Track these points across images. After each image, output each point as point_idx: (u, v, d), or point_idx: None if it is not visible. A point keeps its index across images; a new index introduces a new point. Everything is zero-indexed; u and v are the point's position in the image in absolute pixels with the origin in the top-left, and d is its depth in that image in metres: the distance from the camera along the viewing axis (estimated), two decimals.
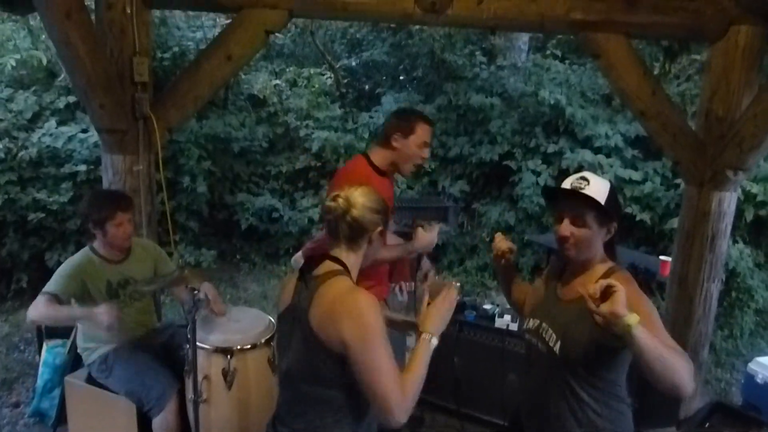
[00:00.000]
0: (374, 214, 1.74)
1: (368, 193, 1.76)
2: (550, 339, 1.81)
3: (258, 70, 7.80)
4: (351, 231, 1.72)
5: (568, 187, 1.77)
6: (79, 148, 5.36)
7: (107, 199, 2.89)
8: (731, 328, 5.29)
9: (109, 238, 2.84)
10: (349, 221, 1.71)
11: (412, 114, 2.79)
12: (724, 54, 3.31)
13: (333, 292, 1.63)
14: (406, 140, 2.68)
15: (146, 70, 3.21)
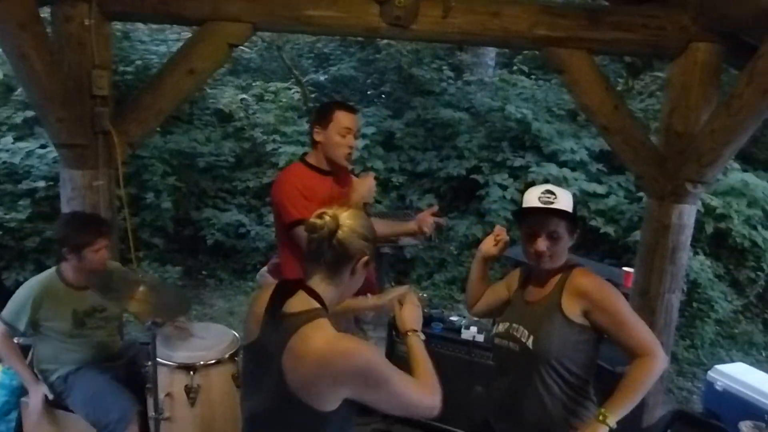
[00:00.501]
0: (362, 240, 1.55)
1: (357, 216, 1.59)
2: (522, 335, 1.90)
3: (224, 85, 7.75)
4: (335, 256, 1.53)
5: (539, 205, 1.84)
6: (37, 164, 5.22)
7: (88, 223, 2.80)
8: (692, 338, 5.40)
9: (84, 264, 2.74)
10: (335, 244, 1.52)
11: (328, 104, 2.80)
12: (683, 71, 3.39)
13: (316, 345, 1.43)
14: (326, 131, 2.65)
15: (106, 84, 3.13)
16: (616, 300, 1.83)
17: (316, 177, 2.68)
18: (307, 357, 1.42)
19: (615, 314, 1.82)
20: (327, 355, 1.42)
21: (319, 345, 1.43)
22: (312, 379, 1.42)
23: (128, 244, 3.76)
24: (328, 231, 1.51)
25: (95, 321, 2.88)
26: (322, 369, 1.42)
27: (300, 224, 2.47)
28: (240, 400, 1.70)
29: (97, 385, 2.76)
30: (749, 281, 5.94)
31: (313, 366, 1.42)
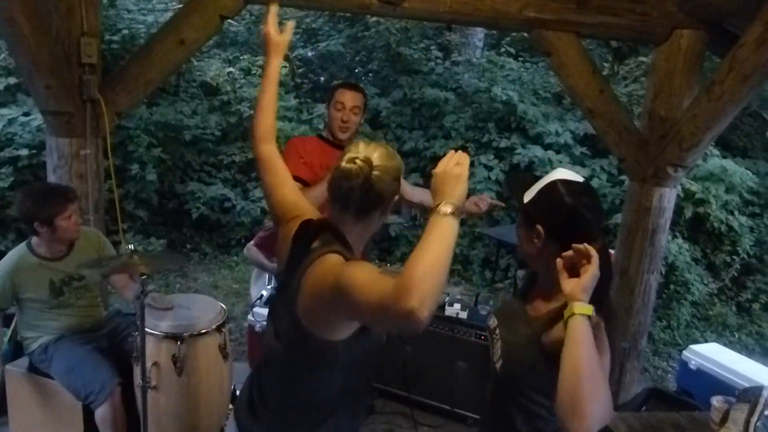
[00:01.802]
0: (395, 182, 1.47)
1: (388, 155, 1.48)
2: (495, 354, 1.66)
3: (211, 58, 7.66)
4: (365, 201, 1.45)
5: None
6: (20, 131, 5.15)
7: (53, 193, 2.77)
8: (669, 319, 5.54)
9: (58, 234, 2.73)
10: (367, 188, 1.43)
11: (335, 85, 3.00)
12: (667, 56, 3.45)
13: (323, 266, 1.38)
14: (329, 109, 2.90)
15: (95, 52, 3.10)
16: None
17: (324, 147, 2.88)
18: (309, 283, 1.39)
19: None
20: (329, 271, 1.35)
21: (325, 265, 1.37)
22: (311, 306, 1.40)
23: (113, 216, 3.77)
24: (363, 177, 1.42)
25: (74, 289, 2.88)
26: (315, 294, 1.38)
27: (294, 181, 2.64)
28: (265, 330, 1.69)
29: (77, 356, 2.77)
30: (725, 265, 6.09)
31: (314, 297, 1.39)
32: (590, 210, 1.49)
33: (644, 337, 3.92)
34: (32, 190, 2.88)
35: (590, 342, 1.28)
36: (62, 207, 2.69)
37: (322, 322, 1.40)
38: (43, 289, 2.78)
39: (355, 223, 1.49)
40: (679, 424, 2.51)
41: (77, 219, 2.78)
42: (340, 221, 1.50)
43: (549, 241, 1.49)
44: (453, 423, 3.63)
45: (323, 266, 1.38)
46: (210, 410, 2.84)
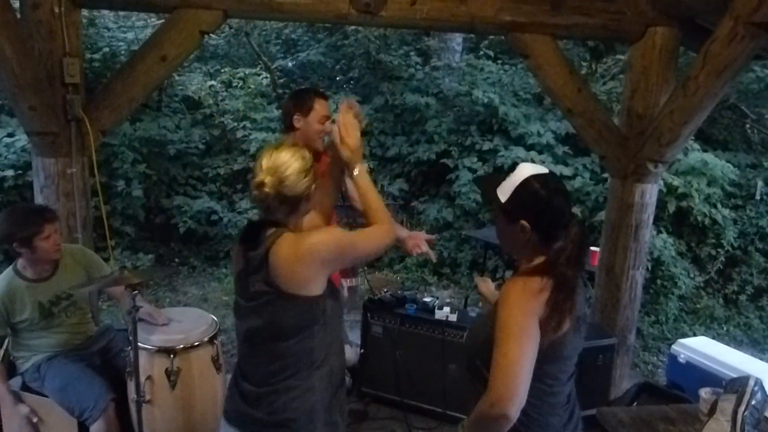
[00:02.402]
0: (305, 177, 1.73)
1: (291, 156, 1.72)
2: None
3: (192, 71, 7.68)
4: (289, 205, 1.74)
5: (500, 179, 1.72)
6: (5, 152, 5.15)
7: (31, 213, 2.77)
8: (657, 314, 5.60)
9: (38, 254, 2.73)
10: (283, 199, 1.71)
11: (307, 92, 2.94)
12: (642, 54, 3.52)
13: (286, 246, 1.68)
14: (306, 119, 2.84)
15: (77, 71, 3.12)
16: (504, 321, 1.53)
17: None
18: (281, 254, 1.67)
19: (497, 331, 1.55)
20: (294, 246, 1.68)
21: (288, 243, 1.69)
22: (297, 272, 1.68)
23: (101, 233, 3.77)
24: (273, 195, 1.69)
25: (63, 308, 2.88)
26: (302, 262, 1.67)
27: None
28: (236, 330, 1.91)
29: (70, 374, 2.78)
30: (710, 258, 6.17)
31: (294, 263, 1.67)
32: (562, 197, 1.66)
33: (632, 332, 3.98)
34: (10, 211, 2.90)
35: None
36: (39, 227, 2.67)
37: (303, 281, 1.69)
38: (33, 311, 2.78)
39: (291, 216, 1.77)
40: (669, 417, 2.55)
41: (56, 239, 2.76)
42: (279, 218, 1.76)
43: (533, 234, 1.64)
44: (446, 425, 3.65)
45: (288, 241, 1.69)
46: (204, 422, 2.85)
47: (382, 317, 3.75)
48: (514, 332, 1.52)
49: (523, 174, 1.65)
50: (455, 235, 6.68)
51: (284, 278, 1.68)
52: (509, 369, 1.49)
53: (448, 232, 6.73)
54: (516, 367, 1.49)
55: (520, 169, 1.68)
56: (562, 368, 1.67)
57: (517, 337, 1.52)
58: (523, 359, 1.50)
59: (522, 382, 1.49)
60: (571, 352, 1.67)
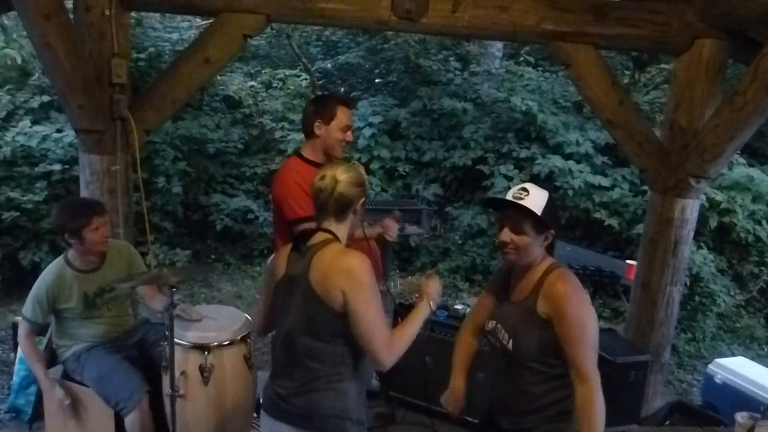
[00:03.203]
0: (357, 187, 1.94)
1: (349, 169, 1.95)
2: (504, 338, 1.97)
3: (233, 72, 7.81)
4: (338, 205, 1.92)
5: (509, 198, 1.90)
6: (53, 147, 5.32)
7: (81, 206, 2.87)
8: (694, 332, 5.46)
9: (87, 245, 2.82)
10: (337, 197, 1.90)
11: (330, 99, 2.87)
12: (688, 67, 3.45)
13: (329, 255, 1.86)
14: (328, 127, 2.76)
15: (124, 72, 3.22)
16: (578, 314, 1.83)
17: (313, 172, 2.75)
18: (323, 261, 1.85)
19: (569, 327, 1.82)
20: (336, 258, 1.85)
21: (332, 252, 1.87)
22: (324, 278, 1.83)
23: (141, 227, 3.87)
24: (330, 188, 1.90)
25: (105, 301, 2.98)
26: (330, 266, 1.83)
27: (303, 221, 2.62)
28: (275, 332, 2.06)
29: (108, 365, 2.87)
30: (752, 276, 5.99)
31: (326, 265, 1.84)
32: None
33: (667, 350, 3.89)
34: (64, 204, 3.01)
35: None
36: (88, 219, 2.77)
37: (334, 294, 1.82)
38: (78, 301, 2.89)
39: (338, 223, 1.95)
40: None
41: (105, 232, 2.85)
42: (326, 224, 1.95)
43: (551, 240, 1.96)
44: None
45: (331, 252, 1.87)
46: (236, 418, 2.89)
47: None
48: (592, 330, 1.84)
49: (541, 191, 1.93)
50: (488, 242, 6.63)
51: (320, 285, 1.84)
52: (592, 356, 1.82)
53: (481, 238, 6.69)
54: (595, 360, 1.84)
55: (533, 187, 1.95)
56: None
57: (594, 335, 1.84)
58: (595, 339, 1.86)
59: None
60: None
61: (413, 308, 2.03)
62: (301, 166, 2.79)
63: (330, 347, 1.88)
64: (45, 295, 2.83)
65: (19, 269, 4.98)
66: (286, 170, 2.82)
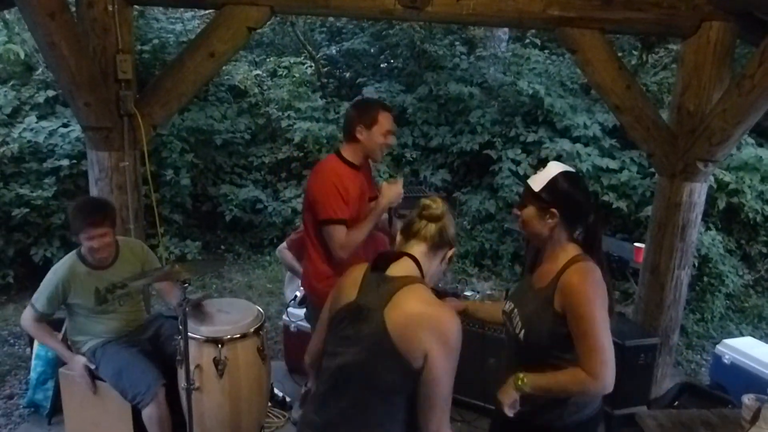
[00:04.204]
0: (454, 233, 1.77)
1: (451, 215, 1.80)
2: (517, 326, 1.95)
3: (238, 61, 7.79)
4: (439, 236, 1.72)
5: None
6: (60, 142, 5.34)
7: (81, 211, 2.86)
8: (702, 312, 5.47)
9: (85, 250, 2.88)
10: (440, 227, 1.72)
11: (372, 105, 2.86)
12: (696, 50, 3.42)
13: (418, 301, 1.59)
14: (370, 131, 2.75)
15: (130, 68, 3.23)
16: (589, 309, 1.78)
17: (351, 173, 2.78)
18: (408, 306, 1.58)
19: (580, 321, 1.79)
20: (428, 311, 1.57)
21: (421, 299, 1.60)
22: (409, 329, 1.55)
23: (150, 220, 3.90)
24: (440, 214, 1.72)
25: (117, 297, 3.03)
26: (420, 319, 1.56)
27: (332, 223, 2.67)
28: (325, 355, 1.76)
29: (124, 359, 2.92)
30: (760, 256, 5.98)
31: (414, 315, 1.56)
32: (585, 193, 1.96)
33: (676, 332, 3.91)
34: (76, 202, 3.04)
35: (542, 384, 1.86)
36: (81, 228, 2.80)
37: (412, 347, 1.56)
38: (89, 296, 2.93)
39: (429, 256, 1.74)
40: (710, 422, 2.51)
41: (99, 244, 2.83)
42: (414, 251, 1.72)
43: (561, 220, 1.89)
44: (484, 418, 3.67)
45: (418, 296, 1.61)
46: (251, 409, 2.95)
47: None
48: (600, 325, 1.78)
49: (555, 170, 1.91)
50: (497, 227, 6.64)
51: (400, 334, 1.56)
52: (607, 357, 1.77)
53: (490, 224, 6.70)
54: (610, 355, 1.77)
55: (551, 166, 1.94)
56: None
57: (603, 328, 1.78)
58: (611, 346, 1.79)
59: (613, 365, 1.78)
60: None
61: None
62: (340, 167, 2.80)
63: (380, 402, 1.63)
64: (56, 288, 2.88)
65: (32, 265, 5.04)
66: (325, 169, 2.80)
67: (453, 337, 1.56)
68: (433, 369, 1.54)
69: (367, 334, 1.60)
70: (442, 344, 1.54)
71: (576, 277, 1.82)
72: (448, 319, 1.58)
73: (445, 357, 1.54)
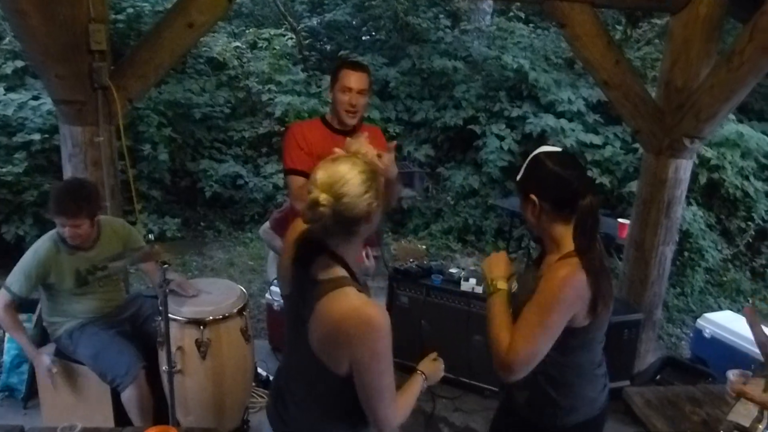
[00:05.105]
0: (367, 193, 1.43)
1: (350, 168, 1.44)
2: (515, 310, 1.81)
3: (216, 32, 7.59)
4: (344, 227, 1.46)
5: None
6: (31, 116, 5.12)
7: (56, 197, 2.73)
8: (683, 286, 5.54)
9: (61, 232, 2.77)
10: (340, 220, 1.43)
11: (339, 63, 2.80)
12: (685, 25, 3.38)
13: (340, 309, 1.43)
14: (333, 90, 2.72)
15: (103, 38, 3.07)
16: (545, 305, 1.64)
17: (326, 134, 2.74)
18: (330, 316, 1.43)
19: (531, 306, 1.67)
20: (349, 316, 1.41)
21: (344, 306, 1.42)
22: (329, 340, 1.44)
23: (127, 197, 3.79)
24: (330, 214, 1.41)
25: (98, 278, 2.93)
26: (338, 327, 1.41)
27: (292, 173, 2.67)
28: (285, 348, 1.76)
29: (102, 341, 2.83)
30: (739, 231, 6.05)
31: (333, 324, 1.42)
32: (570, 170, 1.69)
33: (659, 307, 3.94)
34: (57, 185, 2.92)
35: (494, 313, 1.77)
36: (55, 215, 2.70)
37: (333, 355, 1.47)
38: (69, 278, 2.83)
39: (346, 242, 1.52)
40: (695, 398, 2.54)
41: (74, 232, 2.72)
42: (332, 243, 1.51)
43: (543, 206, 1.71)
44: (470, 395, 3.69)
45: (341, 306, 1.43)
46: (234, 391, 2.90)
47: (407, 287, 3.77)
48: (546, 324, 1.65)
49: (536, 153, 1.75)
50: (481, 202, 6.62)
51: (323, 348, 1.47)
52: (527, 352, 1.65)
53: (473, 199, 6.67)
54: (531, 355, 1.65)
55: (540, 148, 1.77)
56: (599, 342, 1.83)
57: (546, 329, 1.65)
58: (539, 350, 1.65)
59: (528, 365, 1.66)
60: (605, 326, 1.81)
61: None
62: (314, 124, 2.82)
63: (332, 411, 1.59)
64: (35, 269, 2.77)
65: (3, 243, 4.86)
66: (296, 123, 2.86)
67: (373, 337, 1.41)
68: (357, 373, 1.45)
69: (299, 343, 1.52)
70: (363, 346, 1.41)
71: (548, 272, 1.69)
72: (367, 320, 1.41)
73: (367, 358, 1.42)
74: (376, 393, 1.47)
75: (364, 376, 1.45)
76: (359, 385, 1.47)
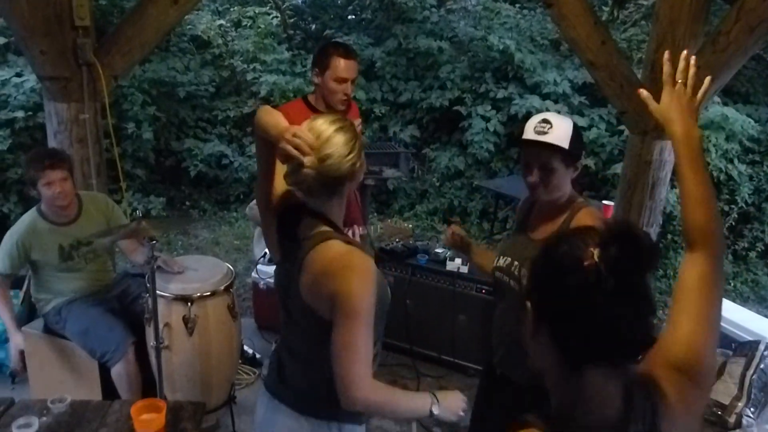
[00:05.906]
0: (350, 153, 1.45)
1: (332, 128, 1.45)
2: (523, 276, 1.83)
3: (200, 10, 7.48)
4: (329, 188, 1.48)
5: (533, 136, 1.77)
6: (14, 93, 5.06)
7: (36, 156, 2.74)
8: (665, 268, 5.62)
9: (44, 199, 2.74)
10: (325, 182, 1.44)
11: (328, 48, 2.71)
12: (671, 6, 3.37)
13: (326, 256, 1.43)
14: (323, 77, 2.64)
15: (87, 13, 3.02)
16: None
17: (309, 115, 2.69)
18: (317, 263, 1.43)
19: None
20: (334, 258, 1.42)
21: (330, 252, 1.43)
22: (315, 282, 1.43)
23: (112, 175, 3.77)
24: (313, 176, 1.42)
25: (83, 254, 2.92)
26: (324, 268, 1.41)
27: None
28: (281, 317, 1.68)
29: (91, 317, 2.84)
30: (722, 213, 6.12)
31: (320, 268, 1.42)
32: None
33: None
34: (29, 153, 2.92)
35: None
36: (40, 173, 2.66)
37: (320, 299, 1.44)
38: (53, 253, 2.83)
39: (330, 203, 1.52)
40: None
41: (60, 186, 2.70)
42: (315, 203, 1.52)
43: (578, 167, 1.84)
44: (454, 373, 3.74)
45: (327, 254, 1.44)
46: (221, 367, 2.93)
47: (393, 267, 3.79)
48: None
49: (564, 120, 1.79)
50: (466, 183, 6.65)
51: (306, 285, 1.45)
52: None
53: (458, 180, 6.69)
54: None
55: (556, 118, 1.80)
56: None
57: None
58: None
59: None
60: None
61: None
62: (297, 105, 2.75)
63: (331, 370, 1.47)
64: (16, 245, 2.77)
65: None
66: (280, 107, 2.71)
67: (355, 274, 1.39)
68: (335, 315, 1.39)
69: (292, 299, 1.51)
70: (345, 281, 1.37)
71: (590, 220, 1.72)
72: (351, 258, 1.42)
73: (347, 295, 1.37)
74: (349, 346, 1.38)
75: (340, 323, 1.38)
76: (334, 335, 1.39)
